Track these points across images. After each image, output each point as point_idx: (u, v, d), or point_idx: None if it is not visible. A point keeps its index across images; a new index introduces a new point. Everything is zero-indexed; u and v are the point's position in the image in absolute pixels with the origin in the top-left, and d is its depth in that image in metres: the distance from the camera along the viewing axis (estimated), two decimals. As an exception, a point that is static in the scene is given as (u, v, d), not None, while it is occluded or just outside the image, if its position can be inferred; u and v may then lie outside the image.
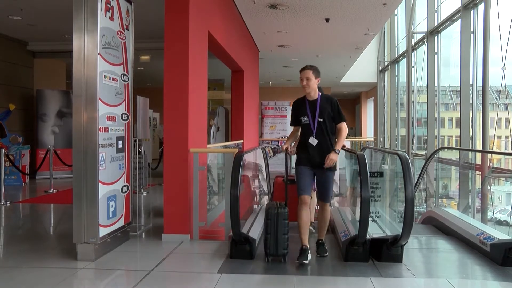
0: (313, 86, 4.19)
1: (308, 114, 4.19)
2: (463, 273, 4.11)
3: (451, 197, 8.80)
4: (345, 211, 5.99)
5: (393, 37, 15.43)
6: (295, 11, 7.98)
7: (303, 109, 4.22)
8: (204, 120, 5.77)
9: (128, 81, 4.71)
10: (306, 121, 4.20)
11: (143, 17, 6.27)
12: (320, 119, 4.15)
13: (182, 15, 4.87)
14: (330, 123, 4.18)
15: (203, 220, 5.09)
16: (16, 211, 7.11)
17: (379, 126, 17.06)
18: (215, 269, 3.87)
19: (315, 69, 4.22)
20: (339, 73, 16.50)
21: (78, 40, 4.05)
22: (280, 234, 4.06)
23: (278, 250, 4.06)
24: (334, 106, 4.19)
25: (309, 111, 4.19)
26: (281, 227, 4.07)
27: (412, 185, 3.82)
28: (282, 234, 4.07)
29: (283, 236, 4.07)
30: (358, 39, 10.51)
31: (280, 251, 4.07)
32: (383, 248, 4.06)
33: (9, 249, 4.80)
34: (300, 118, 4.24)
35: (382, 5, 7.68)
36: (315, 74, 4.19)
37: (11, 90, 10.66)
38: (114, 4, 4.39)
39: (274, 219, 4.09)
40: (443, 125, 11.46)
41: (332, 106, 4.19)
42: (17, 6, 7.82)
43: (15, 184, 9.52)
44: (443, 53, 10.15)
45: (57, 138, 10.93)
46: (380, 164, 7.12)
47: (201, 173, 5.00)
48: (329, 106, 4.19)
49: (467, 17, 8.04)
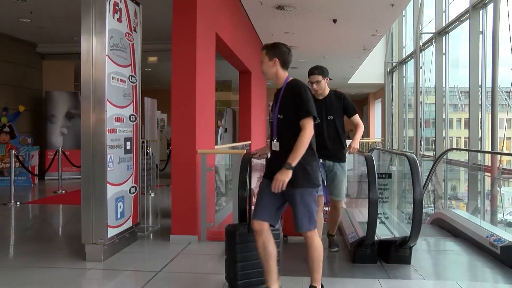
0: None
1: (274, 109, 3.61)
2: (473, 276, 4.08)
3: (459, 198, 8.74)
4: (353, 212, 5.96)
5: (400, 38, 15.37)
6: (302, 12, 7.97)
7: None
8: (211, 121, 5.77)
9: (136, 82, 4.73)
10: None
11: (151, 18, 6.29)
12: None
13: (189, 17, 4.88)
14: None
15: (211, 221, 5.10)
16: (26, 212, 7.17)
17: (387, 127, 16.98)
18: (223, 270, 3.87)
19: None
20: (347, 74, 16.46)
21: (87, 42, 4.07)
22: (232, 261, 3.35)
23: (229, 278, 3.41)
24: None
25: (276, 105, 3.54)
26: (232, 252, 3.35)
27: (420, 187, 3.80)
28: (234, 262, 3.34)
29: (235, 264, 3.33)
30: (366, 40, 10.47)
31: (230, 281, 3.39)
32: (391, 249, 4.04)
33: (19, 249, 4.84)
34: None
35: (390, 5, 7.65)
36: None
37: (20, 91, 10.76)
38: (122, 6, 4.42)
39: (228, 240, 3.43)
40: (452, 126, 11.38)
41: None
42: (27, 8, 7.89)
43: (24, 185, 9.60)
44: (452, 54, 10.08)
45: (65, 139, 11.00)
46: (388, 165, 7.09)
47: (208, 174, 5.01)
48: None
49: (476, 17, 7.98)
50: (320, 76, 4.12)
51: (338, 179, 4.15)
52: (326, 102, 4.17)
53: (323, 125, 4.08)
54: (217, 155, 6.02)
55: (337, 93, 4.25)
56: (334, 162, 4.13)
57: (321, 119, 4.02)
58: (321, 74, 4.13)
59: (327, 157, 4.10)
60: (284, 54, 3.10)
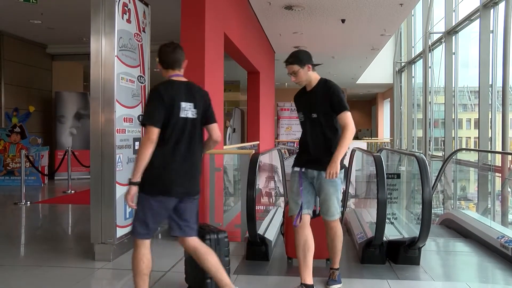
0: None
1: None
2: (483, 277, 4.04)
3: (469, 199, 8.67)
4: (362, 212, 5.94)
5: (409, 38, 15.29)
6: (311, 12, 7.96)
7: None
8: (220, 122, 5.78)
9: (144, 82, 4.75)
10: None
11: (160, 19, 6.31)
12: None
13: (198, 17, 4.90)
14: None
15: (219, 221, 5.11)
16: (36, 211, 7.23)
17: (395, 127, 16.91)
18: (231, 270, 3.88)
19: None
20: (355, 74, 16.41)
21: (96, 43, 4.10)
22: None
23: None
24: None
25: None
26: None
27: (429, 187, 3.77)
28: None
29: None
30: (374, 39, 10.43)
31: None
32: (400, 250, 4.01)
33: (30, 248, 4.89)
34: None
35: (399, 5, 7.61)
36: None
37: (31, 92, 10.86)
38: (131, 7, 4.44)
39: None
40: (461, 126, 11.30)
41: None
42: (38, 10, 7.96)
43: (34, 185, 9.68)
44: (461, 53, 10.01)
45: (74, 140, 11.08)
46: (396, 165, 7.05)
47: (217, 174, 5.02)
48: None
49: (486, 16, 7.92)
50: (296, 66, 3.30)
51: (325, 192, 3.27)
52: (311, 96, 3.36)
53: (306, 124, 3.40)
54: (226, 155, 6.03)
55: (326, 84, 3.33)
56: (320, 171, 3.26)
57: (304, 117, 3.42)
58: (297, 63, 3.30)
59: (310, 164, 3.34)
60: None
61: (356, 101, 25.71)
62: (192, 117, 2.85)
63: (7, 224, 6.50)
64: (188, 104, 2.84)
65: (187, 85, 2.93)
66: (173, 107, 2.76)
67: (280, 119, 15.12)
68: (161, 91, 2.79)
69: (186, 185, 2.85)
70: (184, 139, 2.82)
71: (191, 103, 2.86)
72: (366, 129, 26.29)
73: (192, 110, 2.86)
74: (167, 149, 2.77)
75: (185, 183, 2.84)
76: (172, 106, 2.76)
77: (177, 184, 2.80)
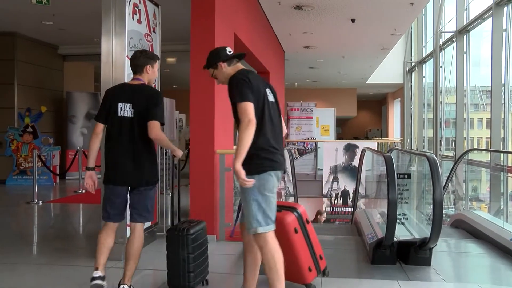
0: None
1: None
2: (496, 279, 3.99)
3: (481, 199, 8.58)
4: (372, 213, 5.91)
5: (420, 37, 15.17)
6: (321, 12, 7.94)
7: None
8: (230, 122, 5.79)
9: (154, 83, 4.78)
10: None
11: (170, 19, 6.35)
12: None
13: (208, 18, 4.91)
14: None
15: (229, 221, 5.11)
16: (48, 211, 7.30)
17: (406, 127, 16.79)
18: (241, 270, 3.87)
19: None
20: (365, 74, 16.34)
21: (107, 43, 4.13)
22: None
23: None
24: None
25: None
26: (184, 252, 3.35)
27: (440, 187, 3.74)
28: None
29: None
30: (385, 39, 10.38)
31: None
32: (411, 250, 3.99)
33: (42, 247, 4.95)
34: None
35: (409, 4, 7.56)
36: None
37: (43, 93, 10.97)
38: (142, 7, 4.47)
39: None
40: (472, 126, 11.19)
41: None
42: (50, 11, 8.04)
43: (46, 184, 9.79)
44: (473, 53, 9.91)
45: (85, 140, 11.17)
46: (407, 165, 7.00)
47: (227, 174, 5.02)
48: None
49: (499, 15, 7.82)
50: (210, 69, 3.13)
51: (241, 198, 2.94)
52: None
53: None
54: (235, 155, 6.02)
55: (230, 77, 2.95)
56: None
57: None
58: (209, 67, 3.12)
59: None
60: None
61: (366, 101, 25.59)
62: (129, 116, 3.16)
63: (20, 223, 6.59)
64: (126, 104, 3.17)
65: (132, 88, 3.25)
66: (110, 107, 3.18)
67: (290, 119, 15.10)
68: (108, 93, 3.31)
69: (130, 176, 3.19)
70: (124, 135, 3.16)
71: (129, 104, 3.17)
72: (376, 129, 26.15)
73: (130, 110, 3.16)
74: (111, 144, 3.21)
75: (128, 175, 3.18)
76: (110, 106, 3.19)
77: (119, 175, 3.20)
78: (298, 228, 3.33)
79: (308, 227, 3.44)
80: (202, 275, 3.44)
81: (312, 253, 3.42)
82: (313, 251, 3.43)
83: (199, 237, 3.41)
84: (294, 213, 3.37)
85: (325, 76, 17.18)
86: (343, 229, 6.52)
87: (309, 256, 3.39)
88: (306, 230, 3.42)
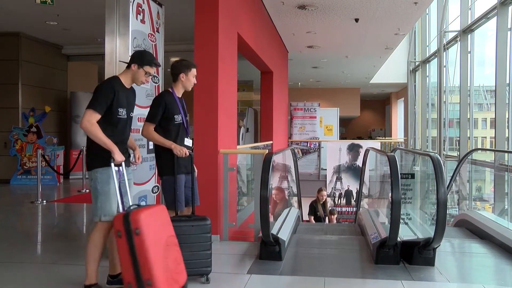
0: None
1: (180, 112, 3.80)
2: (501, 279, 3.97)
3: (485, 199, 8.55)
4: (375, 212, 5.90)
5: (424, 37, 15.12)
6: (324, 12, 7.93)
7: (175, 106, 3.79)
8: (233, 121, 5.80)
9: (158, 82, 4.78)
10: (179, 120, 3.78)
11: (173, 19, 6.35)
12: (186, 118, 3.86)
13: (211, 17, 4.91)
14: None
15: (233, 220, 5.12)
16: (52, 210, 7.33)
17: (409, 127, 16.75)
18: (244, 270, 3.89)
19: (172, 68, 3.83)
20: (369, 73, 16.30)
21: (110, 43, 4.13)
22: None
23: None
24: None
25: (181, 108, 3.83)
26: None
27: (444, 187, 3.73)
28: None
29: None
30: (388, 39, 10.35)
31: None
32: (415, 250, 3.97)
33: (46, 246, 4.97)
34: (174, 116, 3.77)
35: (413, 3, 7.54)
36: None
37: (47, 92, 11.01)
38: (145, 7, 4.47)
39: None
40: (476, 125, 11.15)
41: None
42: (54, 12, 8.07)
43: (50, 184, 9.82)
44: (477, 52, 9.87)
45: (89, 139, 11.19)
46: (411, 165, 6.99)
47: (230, 174, 5.03)
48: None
49: (504, 14, 7.79)
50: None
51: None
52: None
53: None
54: (239, 155, 6.04)
55: None
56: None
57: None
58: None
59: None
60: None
61: (370, 101, 25.53)
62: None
63: (24, 222, 6.62)
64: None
65: None
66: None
67: (293, 118, 15.10)
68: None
69: None
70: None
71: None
72: (380, 128, 26.09)
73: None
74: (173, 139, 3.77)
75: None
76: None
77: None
78: (122, 232, 2.73)
79: (136, 240, 2.68)
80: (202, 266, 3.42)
81: (137, 272, 2.67)
82: (138, 271, 2.67)
83: None
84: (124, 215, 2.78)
85: (329, 76, 17.16)
86: (346, 229, 6.51)
87: (132, 273, 2.69)
88: (132, 241, 2.68)
